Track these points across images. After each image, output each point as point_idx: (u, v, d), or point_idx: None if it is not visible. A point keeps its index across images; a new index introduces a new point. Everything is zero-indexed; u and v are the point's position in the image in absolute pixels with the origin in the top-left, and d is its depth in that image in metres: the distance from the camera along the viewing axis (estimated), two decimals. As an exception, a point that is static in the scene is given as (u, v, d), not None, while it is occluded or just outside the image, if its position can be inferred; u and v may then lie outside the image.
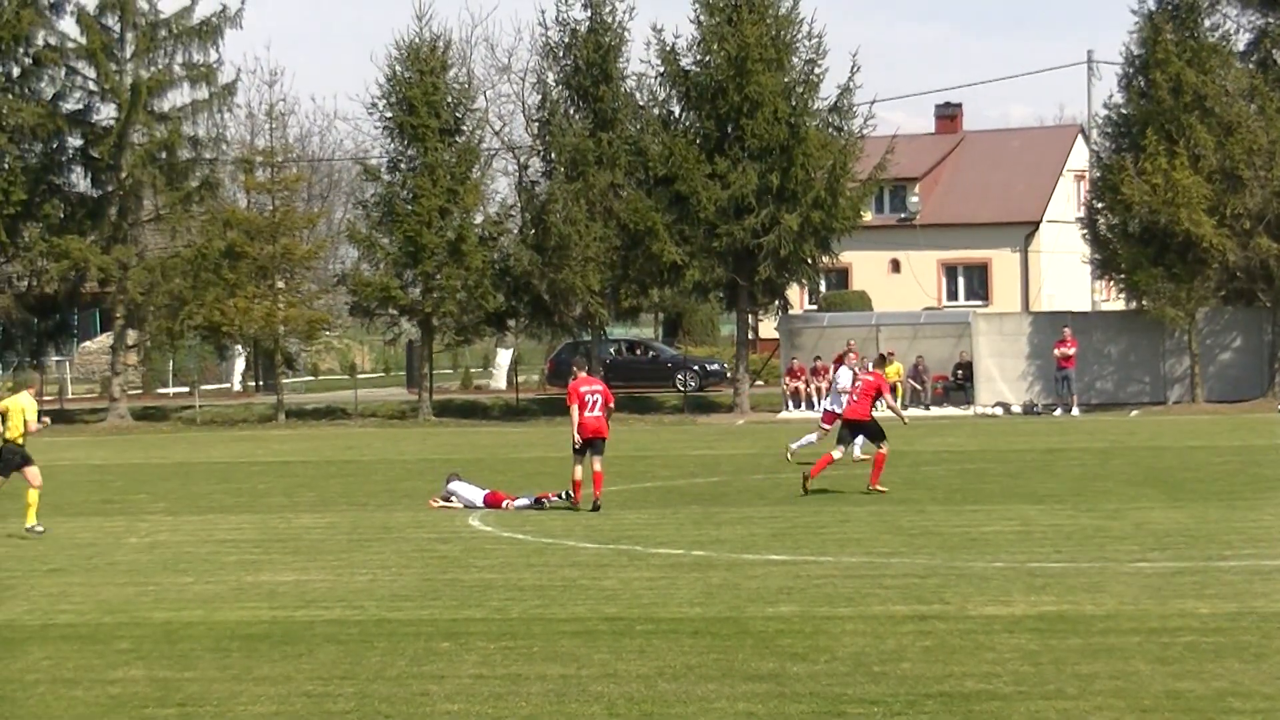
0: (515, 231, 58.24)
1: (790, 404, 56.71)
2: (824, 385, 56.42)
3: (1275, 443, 38.99)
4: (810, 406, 56.23)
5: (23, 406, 26.48)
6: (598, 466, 27.64)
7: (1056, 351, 53.47)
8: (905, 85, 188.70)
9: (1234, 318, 55.48)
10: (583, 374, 28.27)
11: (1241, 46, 56.23)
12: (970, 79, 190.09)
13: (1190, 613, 16.81)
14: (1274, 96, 54.14)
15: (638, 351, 68.95)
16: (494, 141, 60.50)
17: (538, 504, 28.27)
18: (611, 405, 27.89)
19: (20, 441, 26.34)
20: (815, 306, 74.17)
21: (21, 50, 58.56)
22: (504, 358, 75.13)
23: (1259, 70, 55.40)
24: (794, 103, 56.07)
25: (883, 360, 33.74)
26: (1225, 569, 19.62)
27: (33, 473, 26.18)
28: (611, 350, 66.00)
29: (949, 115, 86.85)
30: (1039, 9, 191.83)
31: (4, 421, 26.32)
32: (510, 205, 59.88)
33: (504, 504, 28.44)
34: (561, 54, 57.59)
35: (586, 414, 27.44)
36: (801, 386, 56.73)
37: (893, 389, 56.13)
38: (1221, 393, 52.99)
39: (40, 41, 58.74)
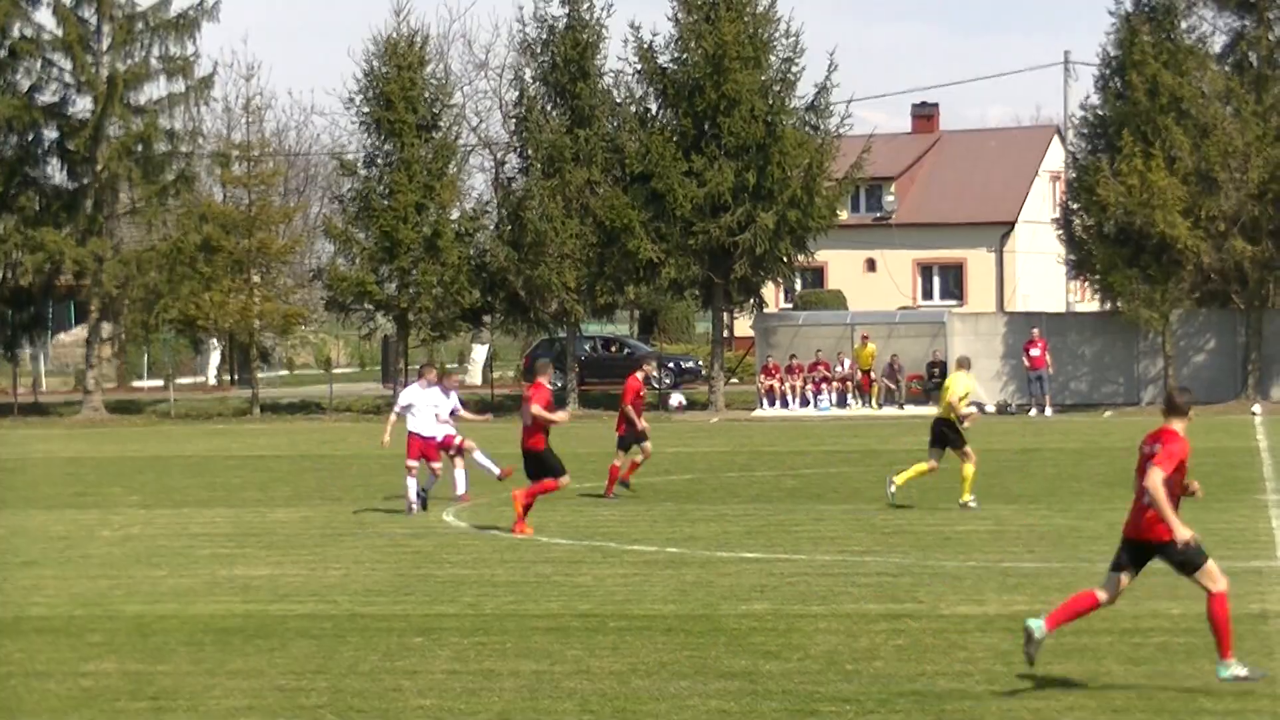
0: (491, 228, 58.17)
1: (765, 402, 56.68)
2: (798, 384, 56.59)
3: (1249, 444, 39.08)
4: (785, 405, 56.28)
5: (948, 385, 27.06)
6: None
7: (1026, 359, 53.63)
8: (882, 84, 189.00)
9: (1208, 320, 55.57)
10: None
11: (1218, 49, 56.26)
12: (947, 79, 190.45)
13: (1162, 613, 16.85)
14: (1249, 99, 54.22)
15: (613, 348, 68.85)
16: (471, 137, 60.45)
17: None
18: (533, 409, 25.29)
19: (955, 418, 26.67)
20: (790, 305, 74.20)
21: (-3, 42, 58.40)
22: (479, 353, 75.13)
23: (1235, 72, 55.45)
24: (771, 101, 56.04)
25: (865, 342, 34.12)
26: (1197, 570, 19.63)
27: (968, 450, 26.60)
28: (586, 347, 65.89)
29: (926, 115, 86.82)
30: (1016, 10, 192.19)
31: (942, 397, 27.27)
32: (487, 201, 59.86)
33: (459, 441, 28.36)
34: (539, 50, 57.51)
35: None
36: (776, 384, 56.70)
37: (868, 375, 56.51)
38: (1196, 394, 53.12)
39: (16, 33, 58.51)
